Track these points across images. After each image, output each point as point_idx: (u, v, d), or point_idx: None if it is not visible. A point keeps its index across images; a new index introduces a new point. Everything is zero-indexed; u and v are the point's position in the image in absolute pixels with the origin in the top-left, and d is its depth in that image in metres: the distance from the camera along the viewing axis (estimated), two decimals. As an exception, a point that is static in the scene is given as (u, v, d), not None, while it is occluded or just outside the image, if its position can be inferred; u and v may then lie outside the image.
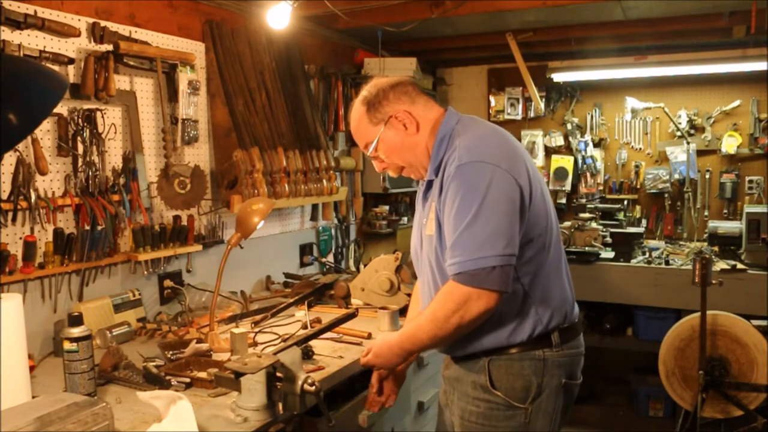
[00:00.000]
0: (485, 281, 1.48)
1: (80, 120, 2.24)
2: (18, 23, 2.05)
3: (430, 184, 1.71)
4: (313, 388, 1.61)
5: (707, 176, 4.25)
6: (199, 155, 2.79)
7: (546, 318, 1.62)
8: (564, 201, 4.53)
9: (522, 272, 1.57)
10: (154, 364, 1.92)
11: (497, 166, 1.52)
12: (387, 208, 4.16)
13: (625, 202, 4.38)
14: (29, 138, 2.07)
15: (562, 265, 1.71)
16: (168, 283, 2.62)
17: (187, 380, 1.85)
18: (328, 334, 2.24)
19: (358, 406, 2.11)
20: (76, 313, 1.75)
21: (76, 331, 1.71)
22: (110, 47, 2.33)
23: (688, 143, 4.15)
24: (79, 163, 2.25)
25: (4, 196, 2.05)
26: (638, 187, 4.42)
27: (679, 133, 4.22)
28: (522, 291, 1.59)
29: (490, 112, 4.71)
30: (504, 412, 1.63)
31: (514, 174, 1.53)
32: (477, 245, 1.48)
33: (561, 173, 4.49)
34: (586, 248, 3.77)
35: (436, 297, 1.59)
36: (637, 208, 4.42)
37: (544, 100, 4.49)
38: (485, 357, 1.64)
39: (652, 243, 4.17)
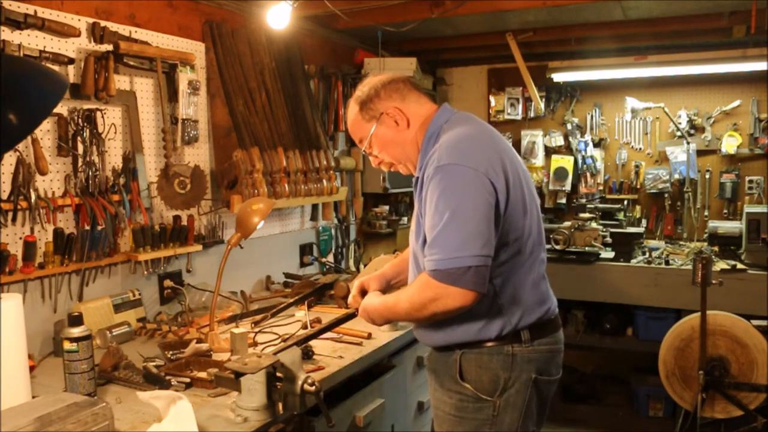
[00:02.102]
0: (460, 281, 1.50)
1: (80, 120, 2.24)
2: (18, 23, 2.05)
3: (417, 180, 1.73)
4: (313, 388, 1.61)
5: (707, 176, 4.25)
6: (199, 155, 2.80)
7: (515, 319, 1.66)
8: (564, 201, 4.54)
9: (494, 274, 1.59)
10: (154, 364, 1.92)
11: (475, 169, 1.54)
12: (387, 208, 4.16)
13: (625, 202, 4.38)
14: (29, 138, 2.07)
15: (537, 268, 1.72)
16: (168, 283, 2.62)
17: (187, 380, 1.86)
18: (328, 334, 2.24)
19: (356, 405, 2.11)
20: (76, 313, 1.76)
21: (76, 331, 1.71)
22: (110, 47, 2.33)
23: (688, 143, 4.15)
24: (79, 163, 2.25)
25: (4, 196, 2.05)
26: (638, 187, 4.42)
27: (679, 133, 4.22)
28: (492, 291, 1.62)
29: (490, 112, 4.71)
30: (473, 404, 1.67)
31: (491, 177, 1.56)
32: (454, 245, 1.51)
33: (561, 173, 4.49)
34: (586, 248, 3.77)
35: (415, 282, 1.63)
36: (637, 208, 4.42)
37: (544, 100, 4.49)
38: (459, 350, 1.69)
39: (652, 243, 4.17)
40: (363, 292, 1.95)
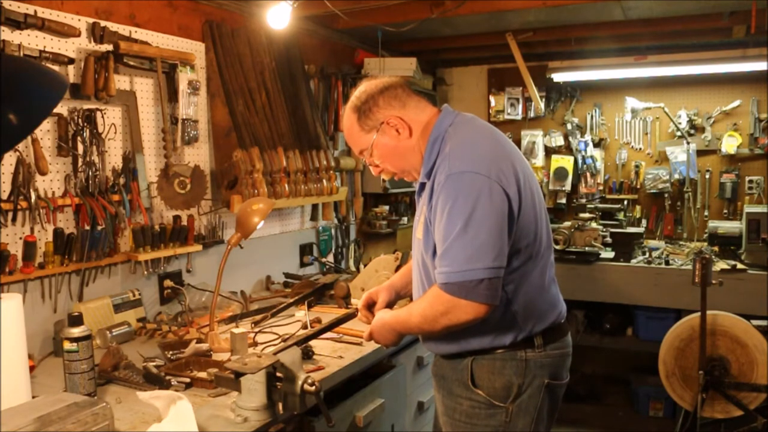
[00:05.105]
0: (472, 293, 1.49)
1: (80, 120, 2.24)
2: (18, 23, 2.05)
3: (422, 186, 1.71)
4: (313, 388, 1.61)
5: (707, 176, 4.25)
6: (199, 155, 2.79)
7: (528, 326, 1.64)
8: (564, 201, 4.54)
9: (506, 281, 1.57)
10: (154, 364, 1.92)
11: (487, 177, 1.51)
12: (387, 208, 4.16)
13: (625, 202, 4.38)
14: (29, 138, 2.07)
15: (548, 272, 1.70)
16: (168, 283, 2.62)
17: (187, 380, 1.86)
18: (328, 334, 2.24)
19: (356, 405, 2.11)
20: (76, 313, 1.76)
21: (76, 331, 1.71)
22: (110, 47, 2.33)
23: (688, 143, 4.15)
24: (79, 163, 2.25)
25: (4, 196, 2.05)
26: (638, 187, 4.42)
27: (679, 133, 4.22)
28: (505, 299, 1.59)
29: (490, 112, 4.72)
30: (485, 411, 1.65)
31: (503, 185, 1.53)
32: (466, 257, 1.49)
33: (561, 173, 4.49)
34: (586, 248, 3.77)
35: (427, 296, 1.61)
36: (637, 208, 4.42)
37: (544, 100, 4.49)
38: (469, 356, 1.67)
39: (652, 243, 4.18)
40: (371, 305, 1.93)
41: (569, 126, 4.52)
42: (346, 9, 3.05)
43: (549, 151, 4.59)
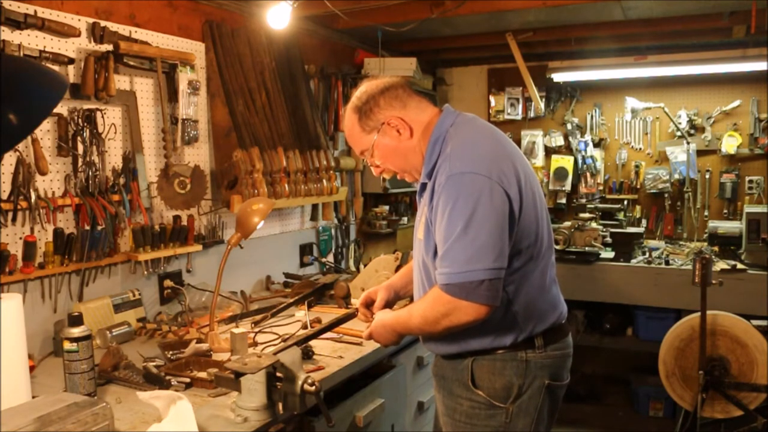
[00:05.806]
0: (473, 294, 1.49)
1: (80, 120, 2.24)
2: (18, 23, 2.05)
3: (424, 187, 1.71)
4: (313, 388, 1.61)
5: (707, 176, 4.25)
6: (199, 155, 2.79)
7: (529, 326, 1.64)
8: (564, 201, 4.54)
9: (507, 281, 1.57)
10: (154, 364, 1.92)
11: (488, 178, 1.51)
12: (387, 208, 4.16)
13: (625, 202, 4.38)
14: (29, 138, 2.07)
15: (548, 273, 1.70)
16: (168, 283, 2.62)
17: (187, 380, 1.86)
18: (328, 334, 2.24)
19: (356, 405, 2.11)
20: (76, 313, 1.76)
21: (76, 331, 1.71)
22: (110, 47, 2.33)
23: (688, 143, 4.15)
24: (79, 163, 2.25)
25: (4, 196, 2.05)
26: (638, 187, 4.42)
27: (679, 133, 4.22)
28: (506, 299, 1.59)
29: (490, 112, 4.71)
30: (486, 411, 1.65)
31: (504, 185, 1.52)
32: (466, 258, 1.48)
33: (561, 173, 4.49)
34: (586, 248, 3.77)
35: (427, 297, 1.60)
36: (637, 208, 4.42)
37: (544, 100, 4.49)
38: (470, 357, 1.67)
39: (652, 243, 4.18)
40: (369, 304, 1.93)
41: (569, 126, 4.51)
42: (346, 9, 3.05)
43: (549, 151, 4.59)
